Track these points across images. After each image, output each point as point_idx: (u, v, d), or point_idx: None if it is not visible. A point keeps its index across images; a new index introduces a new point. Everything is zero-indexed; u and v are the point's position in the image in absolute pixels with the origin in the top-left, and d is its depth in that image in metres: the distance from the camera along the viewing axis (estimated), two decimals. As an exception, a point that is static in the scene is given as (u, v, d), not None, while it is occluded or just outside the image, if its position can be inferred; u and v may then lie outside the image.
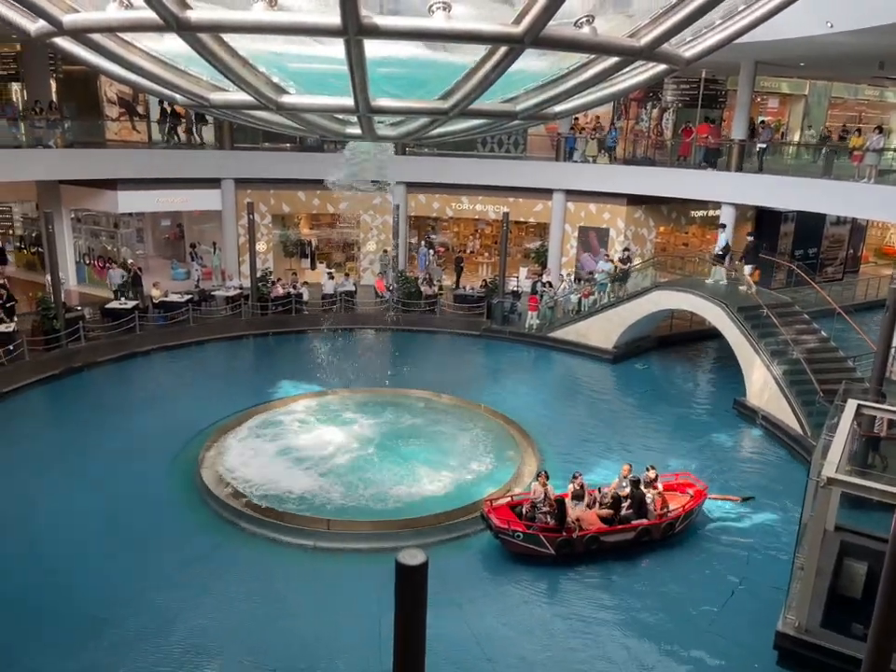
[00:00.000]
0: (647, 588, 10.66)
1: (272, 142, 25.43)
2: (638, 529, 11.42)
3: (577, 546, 11.08)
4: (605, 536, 11.27)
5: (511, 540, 11.03)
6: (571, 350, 20.71)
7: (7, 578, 10.10)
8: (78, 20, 5.47)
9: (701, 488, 12.39)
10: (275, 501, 11.88)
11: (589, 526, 11.26)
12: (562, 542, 11.02)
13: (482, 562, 11.15)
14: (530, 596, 10.41)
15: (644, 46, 5.69)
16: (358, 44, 5.17)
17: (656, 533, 11.55)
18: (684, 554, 11.58)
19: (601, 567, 11.11)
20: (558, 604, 10.37)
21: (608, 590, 10.62)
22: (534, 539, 10.99)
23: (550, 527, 11.12)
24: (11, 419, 15.34)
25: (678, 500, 12.06)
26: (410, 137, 8.93)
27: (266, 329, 21.57)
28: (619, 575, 10.98)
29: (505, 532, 11.02)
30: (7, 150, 21.45)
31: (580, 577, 10.90)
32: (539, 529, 11.07)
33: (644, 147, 25.34)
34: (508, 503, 11.79)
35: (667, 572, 11.11)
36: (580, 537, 11.07)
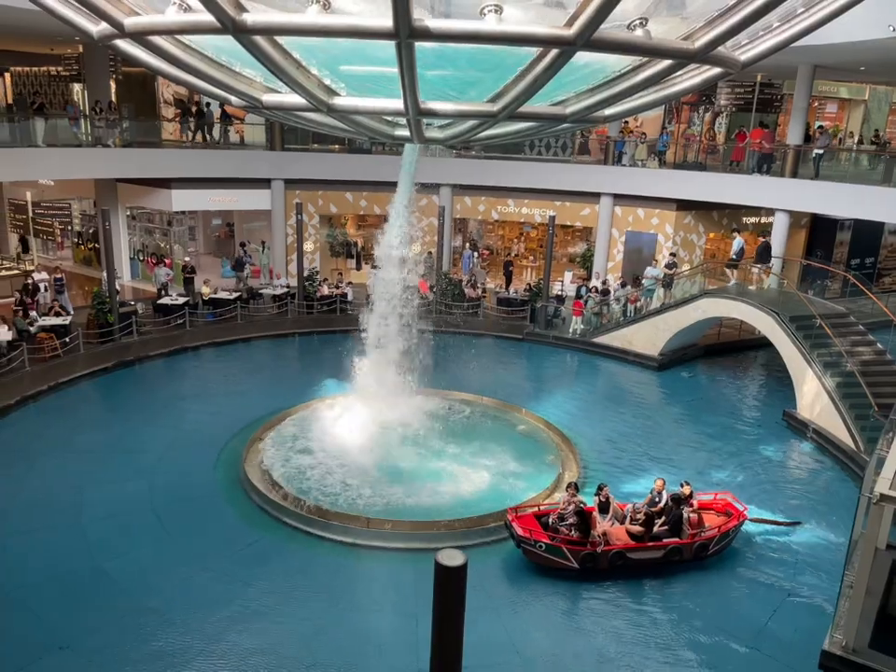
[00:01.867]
0: (679, 607, 10.23)
1: (321, 144, 25.78)
2: (669, 548, 10.95)
3: (601, 561, 10.69)
4: (632, 552, 10.82)
5: (534, 551, 10.74)
6: (616, 356, 20.47)
7: (58, 561, 10.43)
8: (139, 22, 5.64)
9: (741, 509, 11.75)
10: (316, 498, 12.01)
11: (616, 541, 10.86)
12: (586, 556, 10.66)
13: (503, 570, 10.94)
14: (547, 610, 10.16)
15: (699, 49, 5.61)
16: (409, 47, 5.21)
17: (687, 553, 11.05)
18: (722, 572, 11.06)
19: (628, 584, 10.65)
20: (577, 619, 10.06)
21: (633, 607, 10.18)
22: (557, 552, 10.66)
23: (573, 540, 10.76)
24: (66, 409, 15.85)
25: (714, 520, 11.50)
26: (458, 139, 8.96)
27: (311, 327, 21.85)
28: (648, 593, 10.55)
29: (527, 542, 10.70)
30: (68, 149, 22.24)
31: (603, 592, 10.52)
32: (563, 541, 10.71)
33: (695, 152, 24.89)
34: (534, 513, 11.51)
35: (703, 591, 10.63)
36: (605, 551, 10.67)
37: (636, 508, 11.33)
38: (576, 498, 11.22)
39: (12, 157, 20.77)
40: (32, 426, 14.96)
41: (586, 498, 11.79)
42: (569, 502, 11.15)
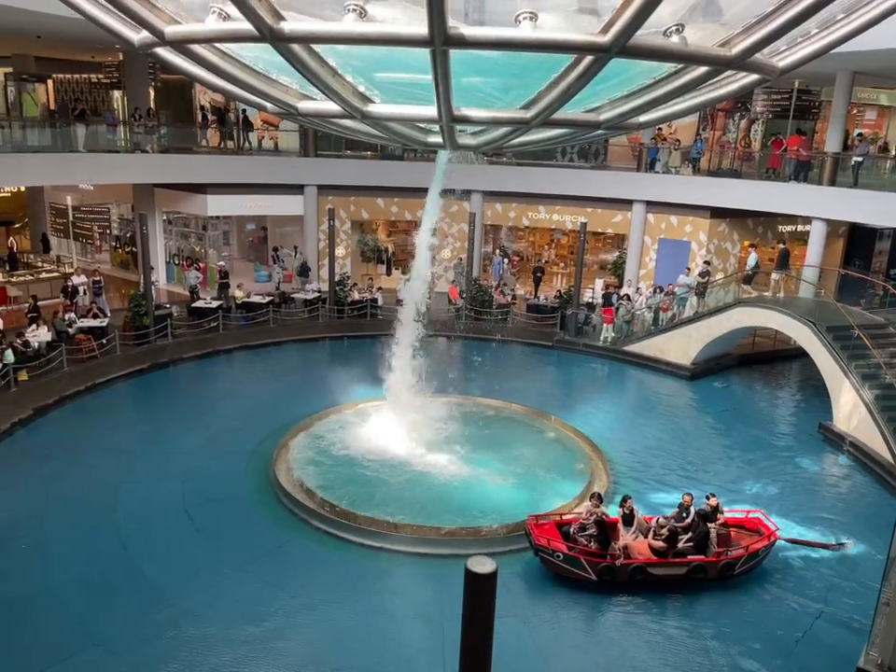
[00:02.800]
0: (702, 626, 9.90)
1: (354, 150, 26.02)
2: (692, 565, 10.62)
3: (620, 574, 10.44)
4: (653, 567, 10.56)
5: (551, 560, 10.59)
6: (647, 365, 20.26)
7: (93, 558, 10.63)
8: (179, 31, 5.74)
9: (772, 529, 11.32)
10: (344, 501, 12.07)
11: (637, 555, 10.62)
12: (604, 568, 10.44)
13: (522, 577, 10.78)
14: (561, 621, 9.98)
15: (736, 55, 5.54)
16: (444, 54, 5.23)
17: (712, 571, 10.69)
18: (750, 592, 10.66)
19: (648, 599, 10.39)
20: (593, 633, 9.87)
21: (652, 625, 9.89)
22: (575, 562, 10.49)
23: (592, 551, 10.55)
24: (102, 409, 16.17)
25: (743, 539, 11.17)
26: (490, 146, 8.96)
27: (342, 332, 22.01)
28: (669, 610, 10.25)
29: (545, 551, 10.58)
30: (108, 154, 22.76)
31: (621, 607, 10.29)
32: (581, 552, 10.53)
33: (730, 159, 24.57)
34: (555, 521, 11.36)
35: (728, 610, 10.25)
36: (624, 565, 10.43)
37: (660, 522, 11.05)
38: (598, 509, 11.05)
39: (54, 162, 21.33)
40: (69, 425, 15.29)
41: (611, 510, 11.66)
42: (591, 513, 10.99)
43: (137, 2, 5.52)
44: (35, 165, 21.03)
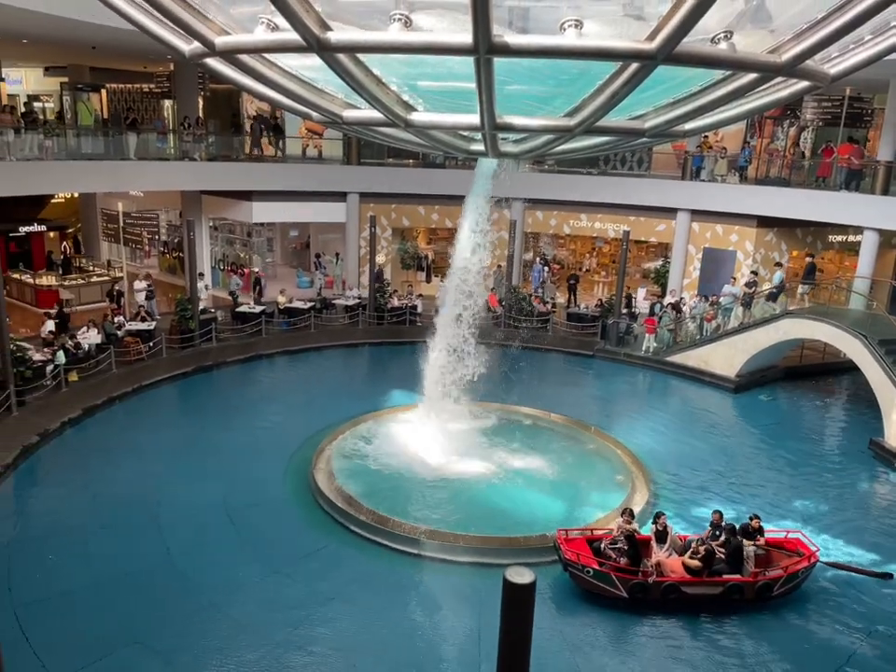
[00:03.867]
0: (736, 649, 9.52)
1: (396, 158, 26.23)
2: (728, 585, 10.25)
3: (652, 592, 10.14)
4: (686, 586, 10.21)
5: (581, 575, 10.35)
6: (690, 376, 19.91)
7: (136, 557, 10.86)
8: (229, 41, 5.88)
9: (813, 550, 10.87)
10: (382, 506, 12.11)
11: (671, 573, 10.30)
12: (636, 585, 10.13)
13: (550, 591, 10.54)
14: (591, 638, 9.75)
15: (786, 62, 5.44)
16: (488, 62, 5.24)
17: (749, 592, 10.32)
18: (789, 615, 10.25)
19: (681, 619, 10.07)
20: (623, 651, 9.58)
21: (685, 645, 9.57)
22: (605, 578, 10.22)
23: (623, 567, 10.26)
24: (147, 410, 16.56)
25: (782, 560, 10.76)
26: (532, 154, 8.94)
27: (381, 338, 22.15)
28: (702, 631, 9.91)
29: (574, 566, 10.33)
30: (158, 162, 23.37)
31: (653, 626, 9.99)
32: (612, 568, 10.26)
33: (779, 167, 24.06)
34: (586, 536, 11.12)
35: (765, 634, 9.84)
36: (657, 582, 10.12)
37: (699, 542, 10.61)
38: (630, 525, 10.81)
39: (107, 169, 21.98)
40: (117, 425, 15.68)
41: (645, 528, 11.42)
42: (622, 528, 10.73)
43: (189, 13, 5.67)
44: (89, 172, 21.71)
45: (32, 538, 11.27)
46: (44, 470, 13.65)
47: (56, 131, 22.66)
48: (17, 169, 19.89)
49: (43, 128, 22.01)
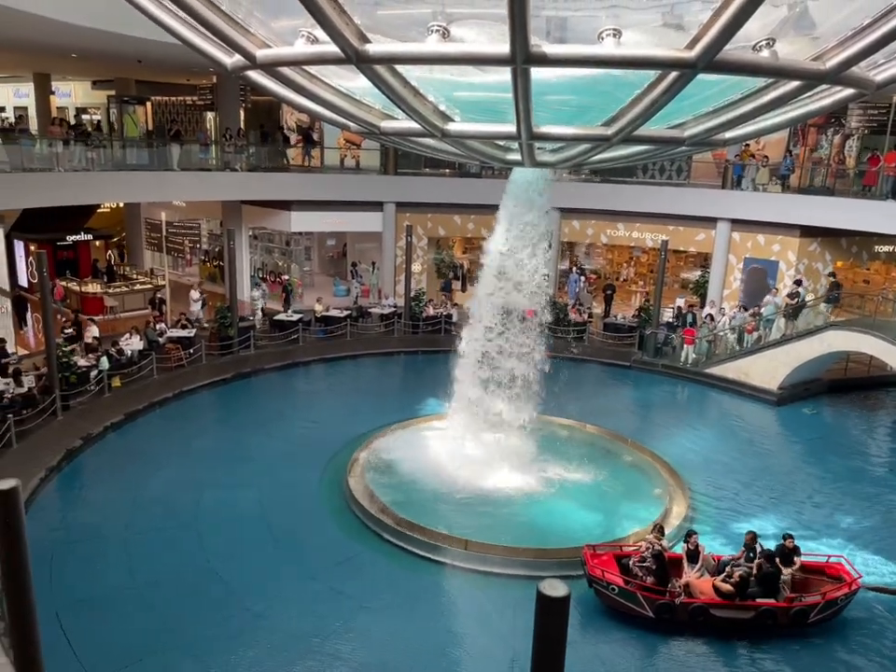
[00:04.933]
0: None
1: (433, 168, 26.36)
2: (760, 610, 9.82)
3: (679, 613, 9.81)
4: (716, 609, 9.82)
5: (606, 593, 10.09)
6: (730, 388, 19.53)
7: (175, 560, 11.03)
8: (270, 54, 5.98)
9: (855, 576, 10.34)
10: (415, 515, 12.11)
11: (700, 595, 9.95)
12: (662, 606, 9.82)
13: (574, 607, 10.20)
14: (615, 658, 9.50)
15: (830, 69, 5.34)
16: (525, 72, 5.25)
17: (783, 618, 9.87)
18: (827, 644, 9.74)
19: (710, 643, 9.71)
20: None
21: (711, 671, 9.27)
22: (631, 597, 9.92)
23: (650, 587, 9.95)
24: (187, 415, 16.85)
25: (822, 585, 10.27)
26: (569, 163, 8.91)
27: (416, 347, 22.21)
28: (732, 657, 9.52)
29: (599, 583, 10.09)
30: (200, 173, 23.89)
31: (680, 649, 9.67)
32: (638, 587, 9.94)
33: (822, 176, 23.56)
34: (614, 553, 10.81)
35: (801, 663, 9.42)
36: (684, 604, 9.79)
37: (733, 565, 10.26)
38: (660, 542, 10.51)
39: (151, 180, 22.56)
40: (157, 430, 15.98)
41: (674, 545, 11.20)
42: (651, 545, 10.43)
43: (232, 27, 5.79)
44: (135, 183, 22.30)
45: (73, 539, 11.53)
46: (86, 473, 13.97)
47: (103, 142, 23.32)
48: (66, 179, 20.52)
49: (91, 140, 22.67)
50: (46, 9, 15.15)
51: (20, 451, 13.78)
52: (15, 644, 4.77)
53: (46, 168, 20.49)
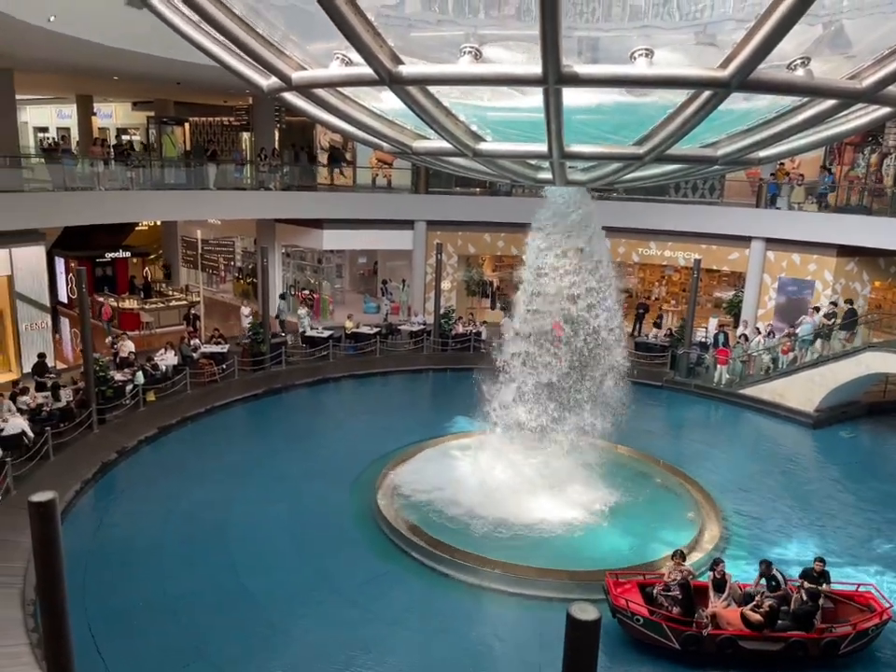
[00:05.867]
0: None
1: (463, 187, 26.52)
2: (790, 641, 9.46)
3: (707, 645, 9.47)
4: (744, 641, 9.48)
5: (630, 623, 9.78)
6: (764, 410, 19.16)
7: (205, 574, 11.11)
8: (305, 76, 6.10)
9: (886, 606, 10.00)
10: (443, 534, 12.05)
11: (727, 626, 9.59)
12: (688, 637, 9.49)
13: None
14: None
15: (867, 88, 5.27)
16: (557, 93, 5.27)
17: (813, 650, 9.51)
18: None
19: None
20: None
21: None
22: (656, 628, 9.60)
23: (675, 617, 9.65)
24: (219, 430, 17.04)
25: (852, 614, 9.93)
26: (601, 182, 8.90)
27: (445, 364, 22.21)
28: None
29: (623, 613, 9.80)
30: (236, 192, 24.36)
31: None
32: (663, 617, 9.65)
33: (860, 195, 23.17)
34: (638, 581, 10.50)
35: None
36: (711, 635, 9.45)
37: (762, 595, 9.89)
38: (682, 569, 10.14)
39: (188, 199, 23.05)
40: (189, 444, 16.19)
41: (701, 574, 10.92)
42: (677, 572, 10.09)
43: (269, 50, 5.92)
44: (172, 202, 22.82)
45: (107, 552, 11.68)
46: (120, 486, 14.18)
47: (143, 162, 23.93)
48: (107, 198, 21.07)
49: (131, 160, 23.28)
50: (93, 35, 15.67)
51: (56, 463, 14.05)
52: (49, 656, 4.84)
53: (87, 187, 21.07)
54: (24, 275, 19.51)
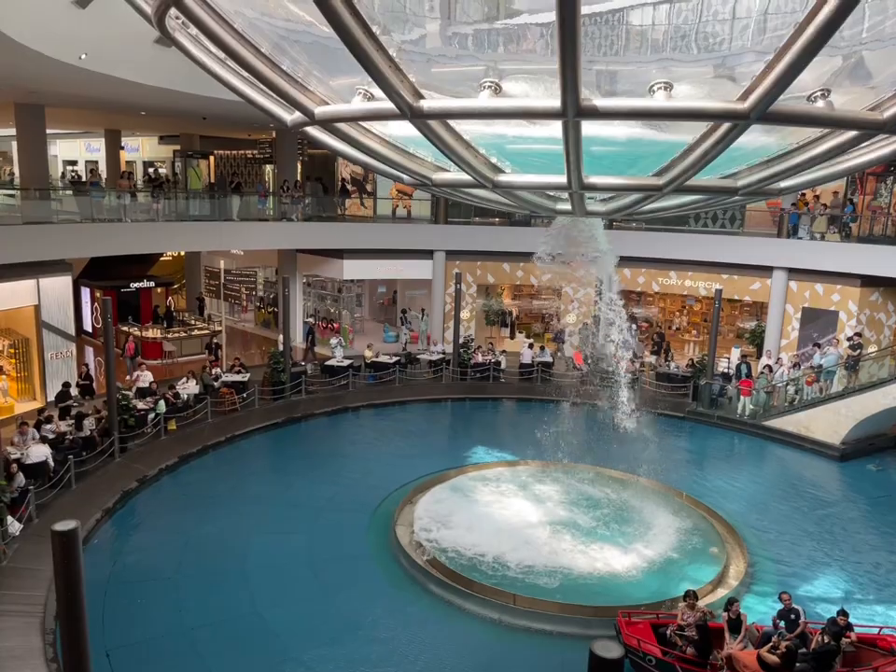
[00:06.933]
0: None
1: (482, 217, 26.72)
2: None
3: None
4: None
5: (642, 664, 9.52)
6: (789, 442, 18.84)
7: (223, 604, 11.06)
8: (328, 111, 6.21)
9: None
10: (462, 568, 11.90)
11: (744, 669, 9.27)
12: None
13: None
14: None
15: (888, 118, 5.26)
16: (576, 125, 5.31)
17: None
18: None
19: None
20: None
21: None
22: (668, 669, 9.33)
23: (689, 658, 9.34)
24: (239, 460, 17.08)
25: (874, 659, 9.55)
26: (620, 213, 8.91)
27: (464, 393, 22.14)
28: None
29: (635, 653, 9.50)
30: (259, 223, 24.77)
31: None
32: (677, 659, 9.36)
33: (882, 225, 22.98)
34: (651, 620, 10.27)
35: None
36: None
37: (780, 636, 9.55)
38: (700, 609, 9.85)
39: (212, 230, 23.45)
40: (210, 473, 16.21)
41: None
42: (691, 612, 9.79)
43: (293, 86, 6.04)
44: (197, 233, 23.24)
45: (126, 581, 11.67)
46: (140, 515, 14.22)
47: (168, 196, 24.44)
48: (133, 230, 21.49)
49: (157, 192, 23.78)
50: (123, 72, 16.13)
51: (78, 492, 14.14)
52: (67, 685, 4.84)
53: (114, 219, 21.52)
54: (51, 305, 19.85)
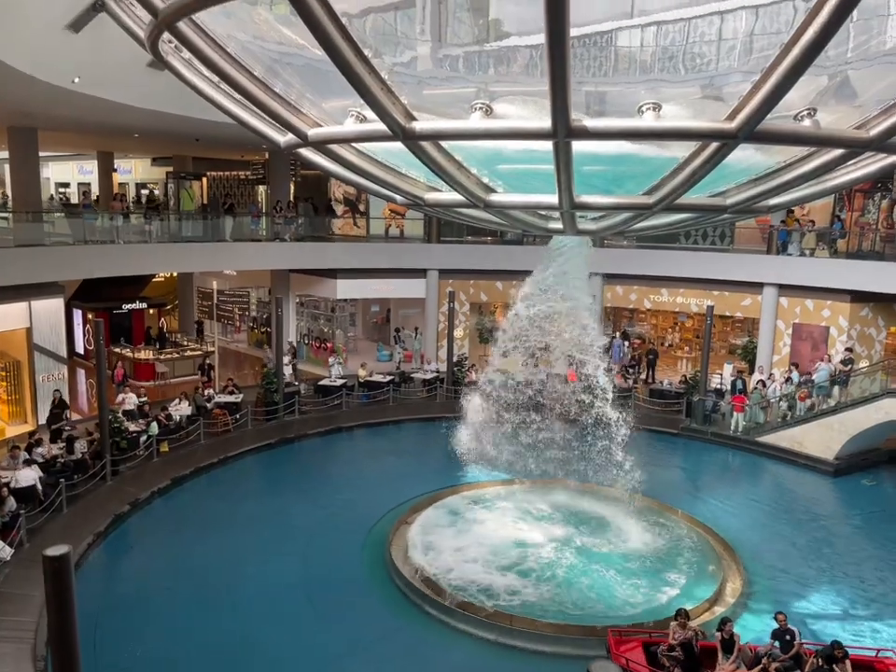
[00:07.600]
0: None
1: (475, 236, 26.86)
2: None
3: None
4: None
5: None
6: (783, 458, 18.85)
7: (214, 629, 10.92)
8: (321, 133, 6.27)
9: None
10: (458, 589, 11.81)
11: None
12: None
13: None
14: None
15: (874, 137, 5.34)
16: (567, 146, 5.37)
17: None
18: None
19: None
20: None
21: None
22: None
23: None
24: (232, 481, 16.95)
25: None
26: (611, 231, 8.98)
27: (458, 412, 22.04)
28: None
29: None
30: (251, 243, 24.80)
31: None
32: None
33: (871, 241, 23.20)
34: (643, 640, 10.17)
35: None
36: None
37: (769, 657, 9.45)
38: (690, 629, 9.76)
39: (205, 250, 23.46)
40: (202, 496, 16.07)
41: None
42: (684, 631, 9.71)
43: (286, 109, 6.09)
44: (189, 253, 23.23)
45: (118, 605, 11.52)
46: (132, 539, 14.07)
47: (162, 216, 24.49)
48: (126, 251, 21.47)
49: (150, 214, 23.83)
50: (115, 95, 16.20)
51: (69, 515, 14.00)
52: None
53: (107, 240, 21.50)
54: (43, 327, 19.75)
